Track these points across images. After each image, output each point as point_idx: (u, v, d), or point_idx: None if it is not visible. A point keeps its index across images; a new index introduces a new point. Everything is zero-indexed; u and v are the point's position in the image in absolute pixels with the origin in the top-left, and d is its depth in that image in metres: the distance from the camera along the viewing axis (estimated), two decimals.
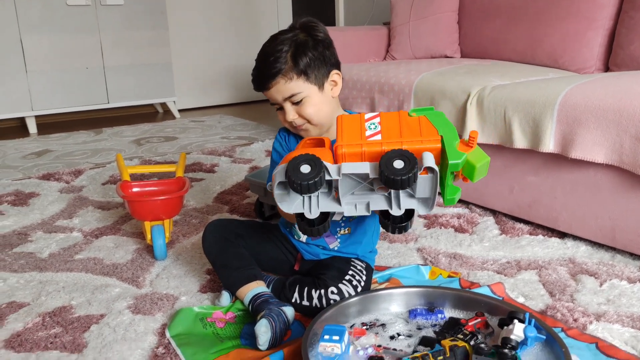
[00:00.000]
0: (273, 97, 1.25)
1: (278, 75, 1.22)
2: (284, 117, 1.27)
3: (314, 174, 0.98)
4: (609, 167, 1.51)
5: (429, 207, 1.04)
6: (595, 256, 1.55)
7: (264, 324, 1.12)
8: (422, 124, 1.02)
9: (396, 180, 0.95)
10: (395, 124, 1.03)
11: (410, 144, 1.00)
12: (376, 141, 1.01)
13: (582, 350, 1.11)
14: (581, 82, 1.62)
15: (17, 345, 1.17)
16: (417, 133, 1.01)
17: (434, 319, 1.20)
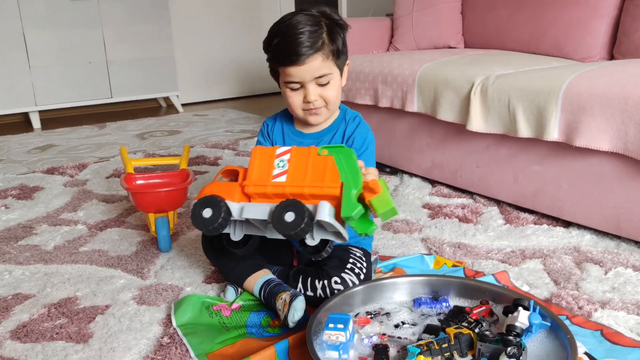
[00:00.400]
0: (301, 74, 1.19)
1: (318, 52, 1.18)
2: (300, 98, 1.22)
3: (214, 218, 1.04)
4: (613, 155, 1.50)
5: (343, 240, 1.08)
6: (600, 245, 1.54)
7: (302, 300, 1.14)
8: (328, 167, 1.04)
9: (288, 234, 1.01)
10: (302, 164, 1.06)
11: (312, 189, 1.03)
12: (280, 183, 1.05)
13: (587, 338, 1.11)
14: (586, 70, 1.61)
15: (24, 336, 1.18)
16: (320, 177, 1.04)
17: (438, 308, 1.20)
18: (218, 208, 1.05)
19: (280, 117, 1.37)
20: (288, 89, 1.23)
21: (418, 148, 2.13)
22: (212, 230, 1.06)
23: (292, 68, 1.18)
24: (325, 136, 1.31)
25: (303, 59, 1.17)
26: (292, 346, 1.08)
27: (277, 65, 1.22)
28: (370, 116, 2.30)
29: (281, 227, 1.01)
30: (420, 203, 1.93)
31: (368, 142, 1.30)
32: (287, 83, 1.22)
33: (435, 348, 1.02)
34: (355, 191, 1.01)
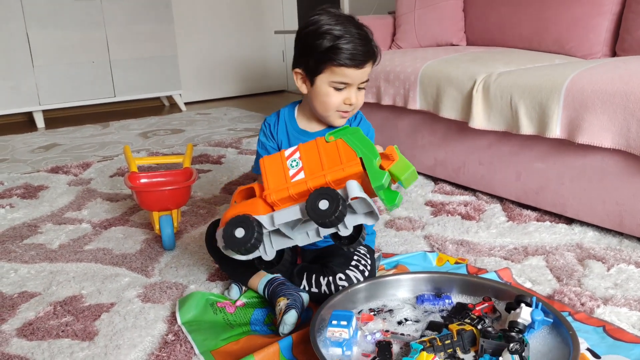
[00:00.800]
0: (355, 77, 1.21)
1: (375, 59, 1.23)
2: (340, 99, 1.23)
3: (249, 236, 1.02)
4: (616, 152, 1.50)
5: (375, 218, 1.08)
6: (603, 241, 1.54)
7: (293, 316, 1.13)
8: (340, 149, 1.04)
9: (326, 222, 0.99)
10: (314, 155, 1.05)
11: (333, 174, 1.03)
12: (301, 180, 1.04)
13: (589, 334, 1.11)
14: (588, 67, 1.61)
15: (30, 334, 1.19)
16: (337, 161, 1.03)
17: (441, 304, 1.21)
18: (249, 224, 1.03)
19: (282, 116, 1.37)
20: (332, 89, 1.23)
21: (421, 146, 2.13)
22: (249, 248, 1.03)
23: (351, 70, 1.19)
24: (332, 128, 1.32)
25: (364, 64, 1.20)
26: (296, 343, 1.08)
27: (330, 64, 1.20)
28: (373, 114, 2.30)
29: (318, 217, 0.99)
30: (422, 200, 1.94)
31: (370, 137, 1.31)
32: (334, 83, 1.22)
33: (438, 344, 1.03)
34: (375, 160, 1.01)
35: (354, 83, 1.22)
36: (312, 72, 1.23)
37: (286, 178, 1.06)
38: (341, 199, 1.00)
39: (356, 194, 1.00)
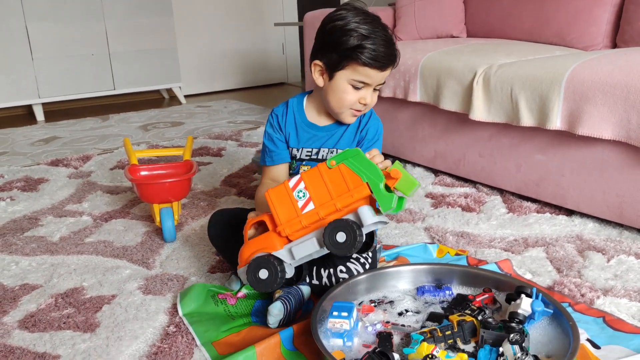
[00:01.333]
0: (376, 78, 1.23)
1: (394, 63, 1.25)
2: (355, 97, 1.25)
3: (273, 276, 1.06)
4: (616, 144, 1.50)
5: (385, 223, 1.11)
6: (603, 233, 1.55)
7: (278, 307, 1.13)
8: (345, 175, 1.05)
9: (346, 254, 1.03)
10: (320, 183, 1.06)
11: (343, 201, 1.05)
12: (312, 211, 1.06)
13: (589, 324, 1.12)
14: (588, 58, 1.60)
15: (31, 326, 1.19)
16: (344, 187, 1.05)
17: (441, 296, 1.21)
18: (271, 265, 1.06)
19: (291, 107, 1.37)
20: (350, 86, 1.24)
21: (421, 138, 2.13)
22: (276, 287, 1.07)
23: (373, 71, 1.21)
24: (338, 130, 1.33)
25: (386, 67, 1.23)
26: (297, 334, 1.09)
27: (354, 62, 1.21)
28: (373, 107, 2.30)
29: (338, 250, 1.04)
30: (423, 193, 1.94)
31: (379, 134, 1.35)
32: (354, 81, 1.23)
33: (439, 335, 1.03)
34: (381, 184, 1.03)
35: (372, 84, 1.24)
36: (333, 66, 1.24)
37: (296, 210, 1.07)
38: (357, 228, 1.02)
39: (370, 220, 1.03)
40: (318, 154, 1.35)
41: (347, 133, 1.32)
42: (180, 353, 1.08)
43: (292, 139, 1.36)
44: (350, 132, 1.32)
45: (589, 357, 1.01)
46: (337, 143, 1.34)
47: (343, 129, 1.33)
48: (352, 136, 1.32)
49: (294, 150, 1.37)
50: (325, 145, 1.35)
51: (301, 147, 1.37)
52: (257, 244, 1.10)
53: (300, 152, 1.37)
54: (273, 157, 1.38)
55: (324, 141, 1.35)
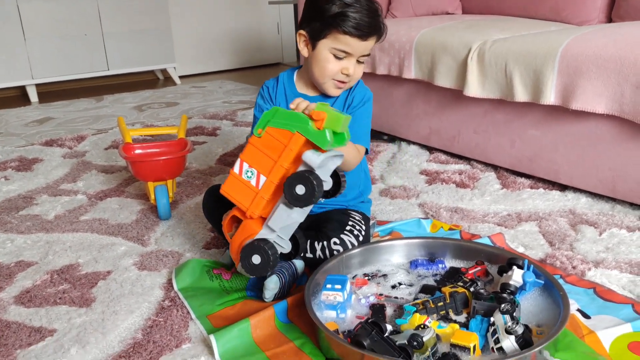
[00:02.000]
0: (358, 48, 1.21)
1: (381, 35, 1.23)
2: (337, 68, 1.23)
3: (266, 257, 1.06)
4: (609, 118, 1.51)
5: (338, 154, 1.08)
6: (596, 207, 1.56)
7: (274, 281, 1.14)
8: (275, 136, 1.05)
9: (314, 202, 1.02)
10: (259, 155, 1.06)
11: (287, 160, 1.04)
12: (266, 183, 1.06)
13: (579, 295, 1.13)
14: (582, 32, 1.60)
15: (27, 301, 1.20)
16: (280, 146, 1.04)
17: (434, 269, 1.22)
18: (260, 249, 1.06)
19: (283, 81, 1.36)
20: (332, 55, 1.22)
21: (416, 115, 2.13)
22: (273, 265, 1.06)
23: (354, 39, 1.19)
24: (328, 98, 1.32)
25: (368, 37, 1.20)
26: (291, 307, 1.10)
27: (335, 30, 1.19)
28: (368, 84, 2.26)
29: (306, 202, 1.02)
30: (417, 170, 1.94)
31: (366, 99, 1.32)
32: (335, 50, 1.21)
33: (431, 307, 1.04)
34: (310, 126, 1.02)
35: (354, 54, 1.22)
36: (315, 35, 1.23)
37: (252, 189, 1.07)
38: (310, 174, 1.01)
39: (317, 160, 1.02)
40: None
41: (336, 103, 1.31)
42: (176, 326, 1.09)
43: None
44: (339, 101, 1.31)
45: (579, 327, 1.02)
46: None
47: (332, 101, 1.32)
48: (341, 106, 1.32)
49: None
50: None
51: None
52: (239, 237, 1.11)
53: None
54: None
55: None
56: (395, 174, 1.91)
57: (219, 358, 0.98)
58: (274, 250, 1.06)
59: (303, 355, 0.98)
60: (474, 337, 0.93)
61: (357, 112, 1.30)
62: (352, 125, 1.27)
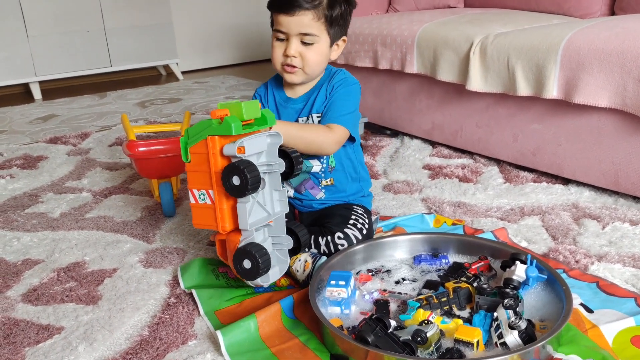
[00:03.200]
0: (288, 25, 1.19)
1: (311, 9, 1.19)
2: (281, 51, 1.23)
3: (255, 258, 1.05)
4: (612, 111, 1.51)
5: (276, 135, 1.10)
6: (599, 201, 1.56)
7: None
8: (197, 150, 1.06)
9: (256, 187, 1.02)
10: (197, 176, 1.07)
11: (217, 166, 1.05)
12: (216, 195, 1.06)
13: (583, 289, 1.14)
14: (585, 26, 1.60)
15: (34, 299, 1.21)
16: (204, 157, 1.05)
17: (438, 264, 1.23)
18: (247, 253, 1.07)
19: (271, 85, 1.36)
20: (274, 39, 1.24)
21: (418, 110, 2.13)
22: (267, 263, 1.06)
23: (282, 16, 1.20)
24: (311, 96, 1.31)
25: (295, 10, 1.18)
26: (297, 303, 1.11)
27: (270, 10, 1.23)
28: (371, 79, 2.30)
29: (244, 192, 1.02)
30: (420, 164, 1.95)
31: (344, 84, 1.29)
32: (275, 32, 1.23)
33: (435, 302, 1.05)
34: (214, 124, 1.03)
35: (290, 32, 1.20)
36: (271, 25, 1.26)
37: (211, 208, 1.09)
38: (235, 164, 1.01)
39: (232, 148, 1.02)
40: None
41: (319, 98, 1.30)
42: (182, 323, 1.10)
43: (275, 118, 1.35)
44: (321, 95, 1.30)
45: (582, 321, 1.03)
46: (311, 109, 1.30)
47: (315, 94, 1.30)
48: (322, 98, 1.30)
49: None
50: (302, 114, 1.32)
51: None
52: (229, 254, 1.12)
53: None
54: None
55: (300, 112, 1.32)
56: (398, 168, 1.91)
57: (225, 353, 0.99)
58: (262, 253, 1.06)
59: (308, 351, 0.99)
60: (478, 333, 0.94)
61: (334, 94, 1.28)
62: (329, 105, 1.27)
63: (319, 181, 1.34)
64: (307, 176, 1.36)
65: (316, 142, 1.22)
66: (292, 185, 1.38)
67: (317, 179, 1.34)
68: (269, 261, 1.06)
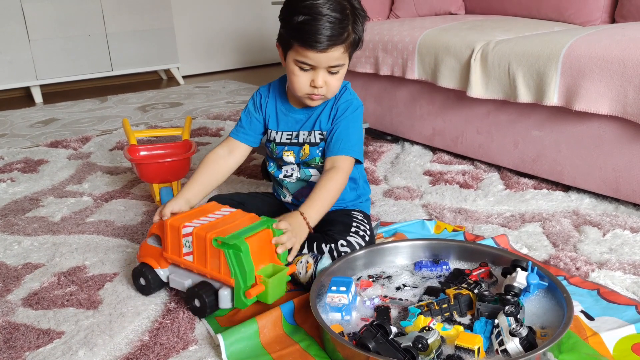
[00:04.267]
0: (318, 60, 1.16)
1: (341, 44, 1.16)
2: (307, 80, 1.20)
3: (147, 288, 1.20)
4: (612, 119, 1.51)
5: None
6: (599, 207, 1.56)
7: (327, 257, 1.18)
8: (222, 259, 1.09)
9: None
10: (202, 249, 1.12)
11: (212, 274, 1.11)
12: (189, 262, 1.14)
13: (583, 297, 1.14)
14: (586, 33, 1.60)
15: (35, 303, 1.21)
16: (217, 267, 1.10)
17: (438, 270, 1.23)
18: (147, 279, 1.20)
19: (274, 90, 1.35)
20: (297, 68, 1.19)
21: (419, 116, 2.14)
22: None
23: (311, 52, 1.15)
24: (315, 110, 1.31)
25: (327, 47, 1.14)
26: (297, 308, 1.11)
27: (295, 42, 1.16)
28: (371, 85, 2.30)
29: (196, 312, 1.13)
30: (421, 170, 1.95)
31: (352, 109, 1.29)
32: (298, 62, 1.18)
33: (436, 308, 1.05)
34: (242, 291, 1.08)
35: (318, 66, 1.18)
36: (284, 46, 1.21)
37: (180, 252, 1.15)
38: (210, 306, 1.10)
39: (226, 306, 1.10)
40: (298, 137, 1.32)
41: (323, 114, 1.29)
42: (182, 328, 1.10)
43: (272, 121, 1.35)
44: (325, 113, 1.29)
45: (582, 328, 1.03)
46: (314, 125, 1.30)
47: (319, 110, 1.30)
48: (327, 116, 1.29)
49: (272, 132, 1.35)
50: (304, 128, 1.32)
51: (281, 131, 1.34)
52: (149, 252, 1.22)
53: (280, 136, 1.34)
54: (239, 133, 1.37)
55: (302, 124, 1.32)
56: (398, 174, 1.91)
57: (226, 359, 0.99)
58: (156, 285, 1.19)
59: (309, 358, 0.99)
60: (479, 339, 0.94)
61: (340, 122, 1.28)
62: (336, 135, 1.28)
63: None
64: (305, 184, 1.36)
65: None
66: (290, 192, 1.39)
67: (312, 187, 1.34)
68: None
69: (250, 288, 1.07)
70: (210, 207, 1.24)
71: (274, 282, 1.09)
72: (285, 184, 1.39)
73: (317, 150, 1.31)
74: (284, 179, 1.38)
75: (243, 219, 1.17)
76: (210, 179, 1.35)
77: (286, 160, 1.35)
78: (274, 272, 1.11)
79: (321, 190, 1.23)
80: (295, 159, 1.34)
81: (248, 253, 1.07)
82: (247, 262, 1.07)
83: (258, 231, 1.11)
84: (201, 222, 1.15)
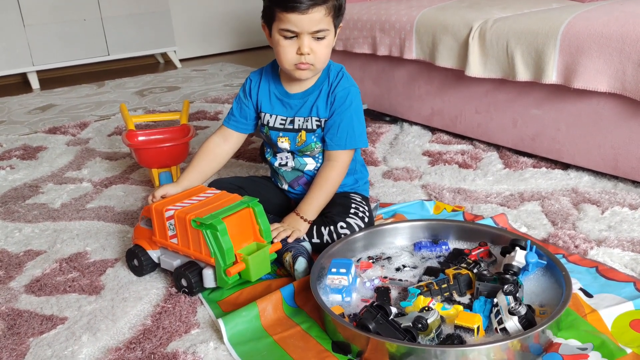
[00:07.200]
0: (300, 23, 1.14)
1: (323, 5, 1.15)
2: (293, 50, 1.19)
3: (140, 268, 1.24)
4: (611, 96, 1.50)
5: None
6: (598, 185, 1.56)
7: (302, 262, 1.17)
8: (202, 241, 1.12)
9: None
10: (184, 230, 1.15)
11: (195, 254, 1.15)
12: (174, 244, 1.18)
13: (582, 274, 1.14)
14: (584, 10, 1.59)
15: (37, 290, 1.22)
16: (199, 247, 1.13)
17: (438, 251, 1.24)
18: (140, 260, 1.23)
19: (266, 75, 1.34)
20: (282, 38, 1.18)
21: (417, 96, 2.13)
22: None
23: (293, 15, 1.14)
24: (310, 95, 1.29)
25: (308, 8, 1.13)
26: (298, 291, 1.11)
27: (276, 9, 1.16)
28: (369, 65, 2.29)
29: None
30: (420, 151, 1.95)
31: (351, 99, 1.28)
32: (282, 30, 1.17)
33: (435, 289, 1.06)
34: (222, 269, 1.11)
35: (302, 31, 1.16)
36: (268, 20, 1.21)
37: (167, 235, 1.19)
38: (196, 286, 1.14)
39: (210, 285, 1.14)
40: (293, 123, 1.31)
41: (320, 100, 1.28)
42: (184, 312, 1.11)
43: (265, 105, 1.33)
44: (322, 99, 1.28)
45: (581, 305, 1.04)
46: (311, 111, 1.29)
47: (315, 95, 1.29)
48: (324, 103, 1.28)
49: (266, 116, 1.33)
50: (300, 113, 1.30)
51: (275, 114, 1.33)
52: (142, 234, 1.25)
53: (274, 120, 1.33)
54: (230, 121, 1.38)
55: (298, 109, 1.31)
56: (397, 155, 1.91)
57: (227, 342, 1.00)
58: (150, 266, 1.23)
59: (310, 339, 1.00)
60: (478, 319, 0.95)
61: (343, 114, 1.27)
62: (336, 127, 1.27)
63: (310, 177, 1.34)
64: (300, 174, 1.36)
65: (332, 193, 1.29)
66: (287, 180, 1.39)
67: (310, 176, 1.34)
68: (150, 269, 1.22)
69: (230, 266, 1.10)
70: (195, 190, 1.26)
71: (254, 259, 1.12)
72: (281, 172, 1.38)
73: (313, 137, 1.30)
74: (279, 168, 1.37)
75: (225, 199, 1.19)
76: (208, 165, 1.36)
77: (280, 146, 1.34)
78: (258, 250, 1.14)
79: (318, 191, 1.28)
80: (291, 146, 1.33)
81: (225, 232, 1.09)
82: (225, 241, 1.09)
83: (237, 210, 1.14)
84: (183, 204, 1.18)
